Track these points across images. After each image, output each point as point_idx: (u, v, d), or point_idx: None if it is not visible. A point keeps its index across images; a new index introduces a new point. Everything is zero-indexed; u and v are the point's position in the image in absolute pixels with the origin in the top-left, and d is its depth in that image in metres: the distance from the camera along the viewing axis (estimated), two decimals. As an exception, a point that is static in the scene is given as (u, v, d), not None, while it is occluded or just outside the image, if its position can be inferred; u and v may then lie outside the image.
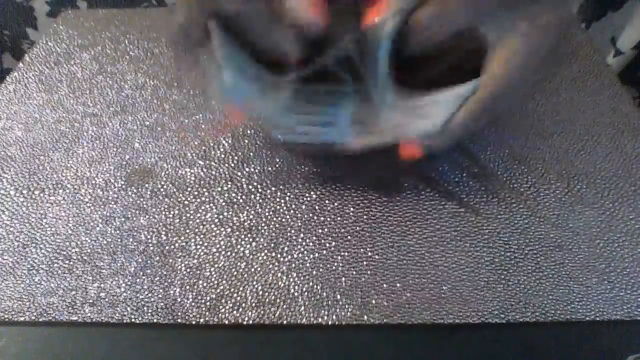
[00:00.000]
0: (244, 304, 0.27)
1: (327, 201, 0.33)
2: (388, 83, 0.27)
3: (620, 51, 0.60)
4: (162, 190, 0.34)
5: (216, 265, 0.29)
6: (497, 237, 0.30)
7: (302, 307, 0.27)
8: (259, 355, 0.25)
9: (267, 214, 0.32)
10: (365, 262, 0.29)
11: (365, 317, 0.27)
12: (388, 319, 0.27)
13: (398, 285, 0.28)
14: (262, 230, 0.31)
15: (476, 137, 0.37)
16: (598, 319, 0.26)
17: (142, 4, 0.63)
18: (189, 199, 0.33)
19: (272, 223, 0.31)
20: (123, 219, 0.32)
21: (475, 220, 0.31)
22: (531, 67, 0.25)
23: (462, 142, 0.36)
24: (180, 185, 0.34)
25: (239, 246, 0.30)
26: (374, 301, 0.27)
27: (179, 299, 0.28)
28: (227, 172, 0.35)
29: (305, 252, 0.30)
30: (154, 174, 0.35)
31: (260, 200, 0.33)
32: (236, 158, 0.36)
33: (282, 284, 0.28)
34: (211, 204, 0.33)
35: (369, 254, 0.30)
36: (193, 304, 0.27)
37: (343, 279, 0.28)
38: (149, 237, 0.31)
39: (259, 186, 0.34)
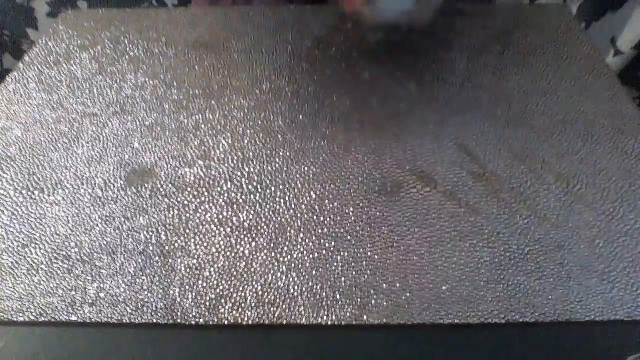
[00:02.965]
0: (243, 304, 0.27)
1: (326, 201, 0.33)
2: None
3: (620, 51, 0.60)
4: (161, 190, 0.34)
5: (216, 265, 0.29)
6: (497, 237, 0.30)
7: (302, 307, 0.27)
8: (259, 355, 0.25)
9: (266, 213, 0.32)
10: (364, 262, 0.29)
11: (365, 317, 0.27)
12: (388, 319, 0.27)
13: (398, 285, 0.28)
14: (262, 230, 0.31)
15: (476, 136, 0.37)
16: (598, 319, 0.26)
17: (142, 4, 0.63)
18: (188, 198, 0.33)
19: (272, 223, 0.31)
20: (122, 219, 0.32)
21: (475, 220, 0.31)
22: None
23: (462, 142, 0.36)
24: (180, 185, 0.34)
25: (238, 246, 0.30)
26: (373, 301, 0.27)
27: (178, 299, 0.28)
28: (226, 172, 0.35)
29: (305, 252, 0.30)
30: (153, 173, 0.35)
31: (260, 200, 0.33)
32: (236, 158, 0.36)
33: (282, 284, 0.28)
34: (210, 204, 0.33)
35: (369, 254, 0.30)
36: (193, 304, 0.27)
37: (342, 279, 0.28)
38: (148, 237, 0.31)
39: (258, 186, 0.34)
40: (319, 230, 0.31)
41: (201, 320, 0.27)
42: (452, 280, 0.28)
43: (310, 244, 0.30)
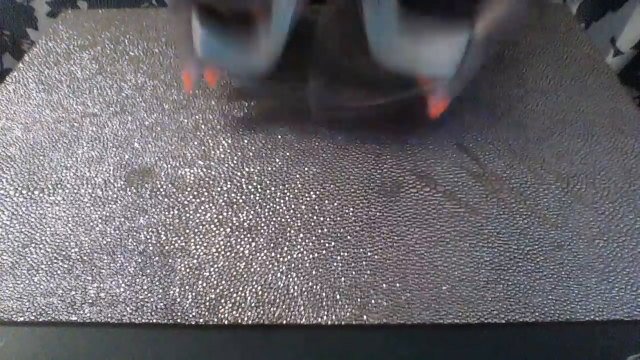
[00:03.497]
0: (243, 304, 0.27)
1: (327, 201, 0.33)
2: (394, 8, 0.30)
3: (620, 51, 0.60)
4: (161, 190, 0.34)
5: (215, 266, 0.29)
6: (497, 237, 0.30)
7: (302, 307, 0.27)
8: (259, 355, 0.25)
9: (266, 214, 0.32)
10: (364, 262, 0.29)
11: (365, 317, 0.27)
12: (388, 319, 0.27)
13: (397, 285, 0.28)
14: (262, 231, 0.31)
15: (476, 136, 0.37)
16: (598, 319, 0.26)
17: (142, 4, 0.63)
18: (188, 199, 0.33)
19: (272, 223, 0.31)
20: (122, 219, 0.32)
21: (475, 220, 0.31)
22: (516, 15, 0.31)
23: (462, 142, 0.36)
24: (180, 185, 0.34)
25: (238, 246, 0.30)
26: (373, 301, 0.27)
27: (178, 299, 0.28)
28: (226, 172, 0.35)
29: (305, 252, 0.30)
30: (153, 174, 0.35)
31: (260, 201, 0.33)
32: (236, 158, 0.36)
33: (282, 284, 0.28)
34: (211, 204, 0.33)
35: (369, 254, 0.30)
36: (192, 304, 0.27)
37: (342, 279, 0.28)
38: (148, 237, 0.31)
39: (258, 186, 0.34)
40: (319, 231, 0.31)
41: (201, 320, 0.27)
42: (452, 280, 0.28)
43: (310, 244, 0.30)
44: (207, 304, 0.27)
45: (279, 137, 0.37)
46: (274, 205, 0.32)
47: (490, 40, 0.31)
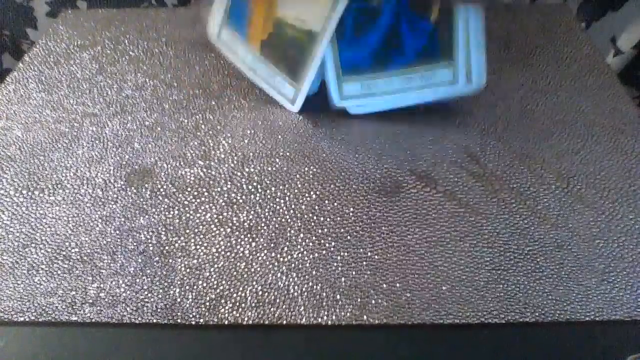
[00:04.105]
0: (243, 304, 0.27)
1: (327, 201, 0.33)
2: None
3: (620, 51, 0.60)
4: (161, 190, 0.34)
5: (216, 266, 0.29)
6: (497, 237, 0.30)
7: (302, 307, 0.27)
8: (259, 355, 0.25)
9: (266, 214, 0.32)
10: (364, 263, 0.29)
11: (365, 317, 0.27)
12: (388, 319, 0.27)
13: (398, 285, 0.28)
14: (262, 231, 0.31)
15: (476, 136, 0.37)
16: (598, 319, 0.26)
17: (142, 4, 0.63)
18: (188, 199, 0.33)
19: (272, 223, 0.31)
20: (123, 219, 0.32)
21: (475, 220, 0.31)
22: None
23: (463, 143, 0.36)
24: (180, 186, 0.34)
25: (238, 246, 0.30)
26: (373, 301, 0.27)
27: (178, 299, 0.28)
28: (227, 172, 0.35)
29: (305, 252, 0.30)
30: (153, 174, 0.35)
31: (260, 201, 0.33)
32: (236, 158, 0.36)
33: (282, 284, 0.28)
34: (211, 204, 0.33)
35: (369, 254, 0.30)
36: (193, 304, 0.27)
37: (343, 279, 0.28)
38: (148, 237, 0.31)
39: (258, 186, 0.34)
40: (319, 231, 0.31)
41: (201, 320, 0.27)
42: (452, 280, 0.28)
43: (311, 244, 0.30)
44: (207, 304, 0.27)
45: (279, 137, 0.37)
46: (274, 205, 0.32)
47: None
